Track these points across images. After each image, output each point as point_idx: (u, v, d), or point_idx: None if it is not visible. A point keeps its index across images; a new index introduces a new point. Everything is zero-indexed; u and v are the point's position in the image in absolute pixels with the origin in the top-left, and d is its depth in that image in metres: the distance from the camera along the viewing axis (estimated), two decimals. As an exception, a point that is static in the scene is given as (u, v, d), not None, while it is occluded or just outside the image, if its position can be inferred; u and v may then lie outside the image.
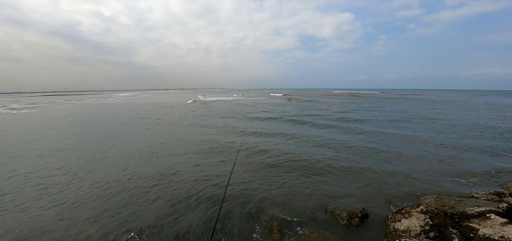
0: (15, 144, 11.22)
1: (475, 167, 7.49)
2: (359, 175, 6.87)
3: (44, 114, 24.06)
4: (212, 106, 32.57)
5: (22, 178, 6.94)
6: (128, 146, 10.60)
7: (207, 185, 6.29)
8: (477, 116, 19.87)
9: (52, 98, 69.32)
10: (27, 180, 6.77)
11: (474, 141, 10.85)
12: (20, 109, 30.12)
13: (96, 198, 5.67)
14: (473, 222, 3.92)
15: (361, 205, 5.06)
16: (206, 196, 5.65)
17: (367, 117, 19.41)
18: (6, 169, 7.68)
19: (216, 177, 6.77)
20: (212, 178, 6.71)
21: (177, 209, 5.12)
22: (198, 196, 5.65)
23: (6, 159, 8.75)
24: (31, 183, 6.59)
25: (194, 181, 6.55)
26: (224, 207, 5.13)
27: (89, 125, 16.83)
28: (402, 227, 4.04)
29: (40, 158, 8.89)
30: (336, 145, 10.36)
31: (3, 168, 7.82)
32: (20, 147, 10.61)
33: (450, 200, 4.74)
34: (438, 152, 9.11)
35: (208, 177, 6.79)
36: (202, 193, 5.79)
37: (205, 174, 7.03)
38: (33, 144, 11.15)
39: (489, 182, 6.25)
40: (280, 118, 18.79)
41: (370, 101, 39.22)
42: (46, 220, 4.81)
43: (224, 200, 5.35)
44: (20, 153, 9.50)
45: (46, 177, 7.02)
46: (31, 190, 6.16)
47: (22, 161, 8.51)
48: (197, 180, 6.62)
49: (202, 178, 6.76)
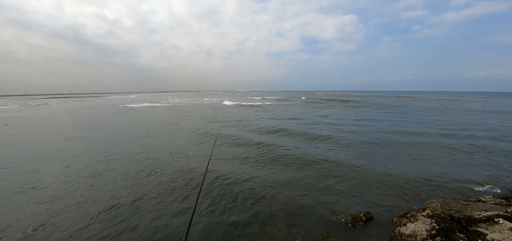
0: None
1: (482, 170, 7.36)
2: (363, 177, 6.80)
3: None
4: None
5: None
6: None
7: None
8: (481, 118, 19.58)
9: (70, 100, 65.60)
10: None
11: (480, 143, 10.67)
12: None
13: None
14: (481, 226, 3.83)
15: (365, 208, 4.99)
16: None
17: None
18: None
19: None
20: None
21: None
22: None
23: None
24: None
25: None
26: (228, 206, 5.11)
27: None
28: (407, 231, 3.98)
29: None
30: (339, 146, 10.28)
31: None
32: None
33: (456, 204, 4.66)
34: (444, 155, 8.98)
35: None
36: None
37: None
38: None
39: (496, 186, 6.13)
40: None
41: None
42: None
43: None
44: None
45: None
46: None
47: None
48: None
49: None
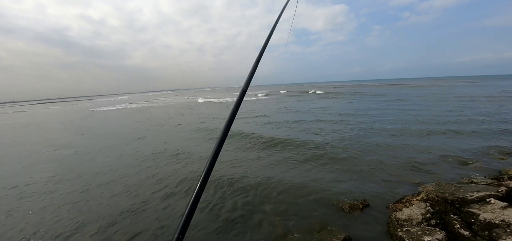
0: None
1: (472, 152, 7.52)
2: (357, 165, 6.87)
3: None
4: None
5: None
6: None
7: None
8: (470, 101, 20.03)
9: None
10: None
11: (470, 126, 10.92)
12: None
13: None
14: (474, 207, 3.92)
15: (362, 195, 5.05)
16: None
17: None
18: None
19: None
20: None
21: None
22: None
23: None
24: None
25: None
26: (216, 197, 5.09)
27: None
28: (403, 216, 4.04)
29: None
30: (333, 133, 10.35)
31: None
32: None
33: (450, 187, 4.75)
34: (434, 139, 9.16)
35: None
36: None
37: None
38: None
39: (487, 167, 6.29)
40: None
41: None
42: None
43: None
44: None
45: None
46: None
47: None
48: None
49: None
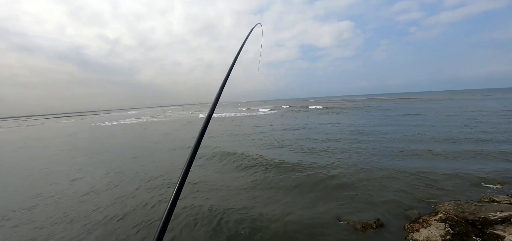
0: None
1: (492, 169, 7.13)
2: (369, 182, 6.62)
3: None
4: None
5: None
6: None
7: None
8: (487, 115, 19.30)
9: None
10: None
11: (487, 143, 10.44)
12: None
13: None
14: (498, 228, 3.66)
15: (374, 214, 4.82)
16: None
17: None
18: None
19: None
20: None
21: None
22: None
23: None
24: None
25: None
26: (229, 216, 4.96)
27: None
28: (421, 238, 3.80)
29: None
30: (343, 149, 10.12)
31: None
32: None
33: (470, 205, 4.48)
34: (452, 155, 8.77)
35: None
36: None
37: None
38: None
39: (508, 185, 5.93)
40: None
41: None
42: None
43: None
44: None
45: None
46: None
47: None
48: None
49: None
